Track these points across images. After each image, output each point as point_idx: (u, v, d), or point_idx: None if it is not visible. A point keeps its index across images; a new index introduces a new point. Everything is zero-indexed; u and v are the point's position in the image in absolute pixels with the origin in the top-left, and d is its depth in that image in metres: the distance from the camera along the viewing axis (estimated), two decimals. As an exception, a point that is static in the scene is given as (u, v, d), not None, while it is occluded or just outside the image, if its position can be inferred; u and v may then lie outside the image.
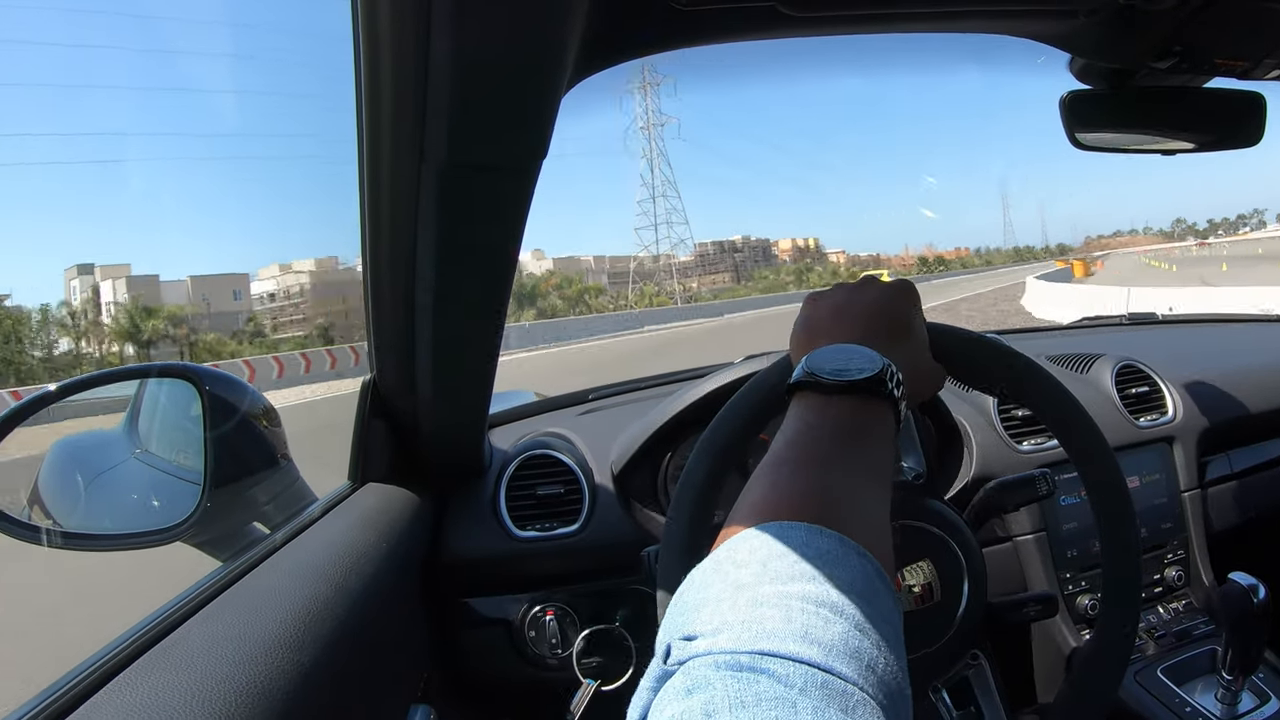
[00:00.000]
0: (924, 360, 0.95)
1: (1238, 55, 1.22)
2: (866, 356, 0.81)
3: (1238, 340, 2.72)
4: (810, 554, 0.57)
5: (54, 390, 1.24)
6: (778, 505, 0.63)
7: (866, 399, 0.78)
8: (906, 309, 0.95)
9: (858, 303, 0.94)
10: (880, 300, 0.94)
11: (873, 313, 0.92)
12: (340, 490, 1.45)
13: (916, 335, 0.95)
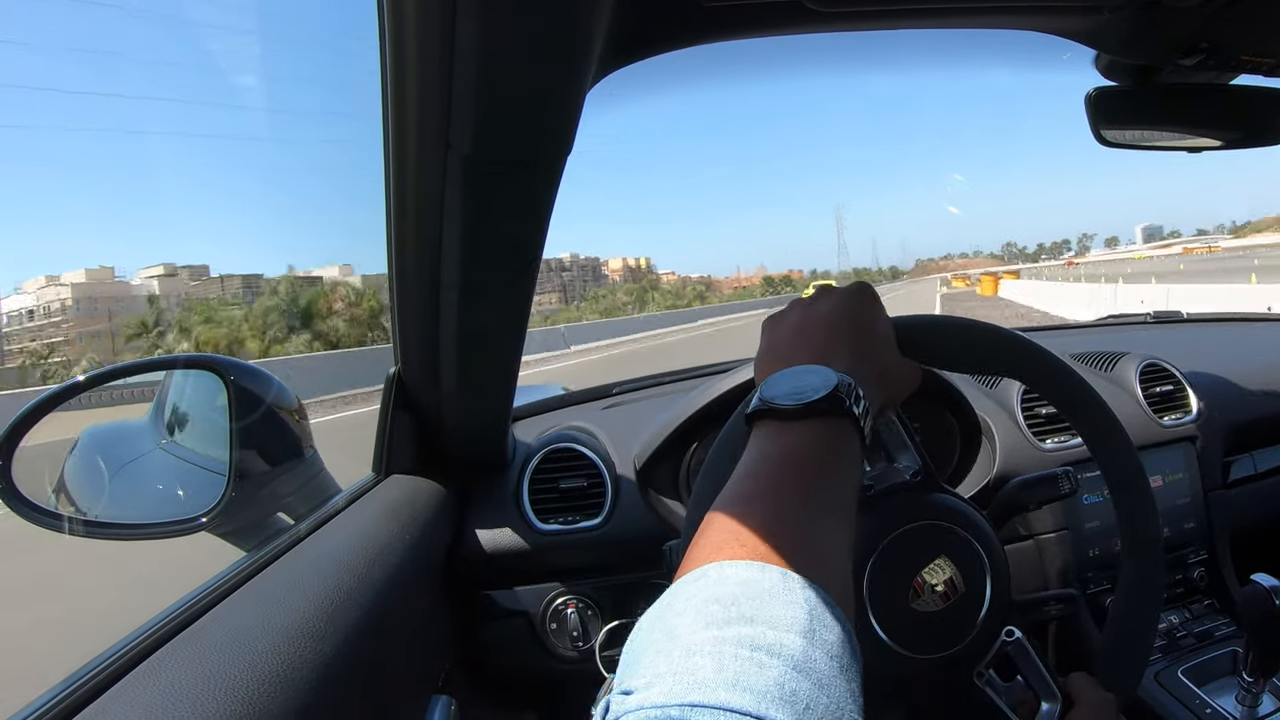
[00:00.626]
0: (892, 361, 0.94)
1: (1265, 52, 1.21)
2: (821, 375, 0.80)
3: (1262, 340, 2.70)
4: (749, 594, 0.56)
5: (83, 380, 1.26)
6: (721, 544, 0.62)
7: (825, 420, 0.77)
8: (865, 313, 0.94)
9: (814, 318, 0.93)
10: (836, 310, 0.93)
11: (831, 325, 0.91)
12: (364, 482, 1.46)
13: (880, 337, 0.93)
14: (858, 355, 0.87)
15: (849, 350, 0.87)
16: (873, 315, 0.94)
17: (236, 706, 0.70)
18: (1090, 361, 2.11)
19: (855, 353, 0.87)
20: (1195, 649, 1.67)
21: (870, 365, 0.88)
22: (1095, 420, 1.06)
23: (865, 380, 0.84)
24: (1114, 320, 3.15)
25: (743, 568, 0.59)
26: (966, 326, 1.04)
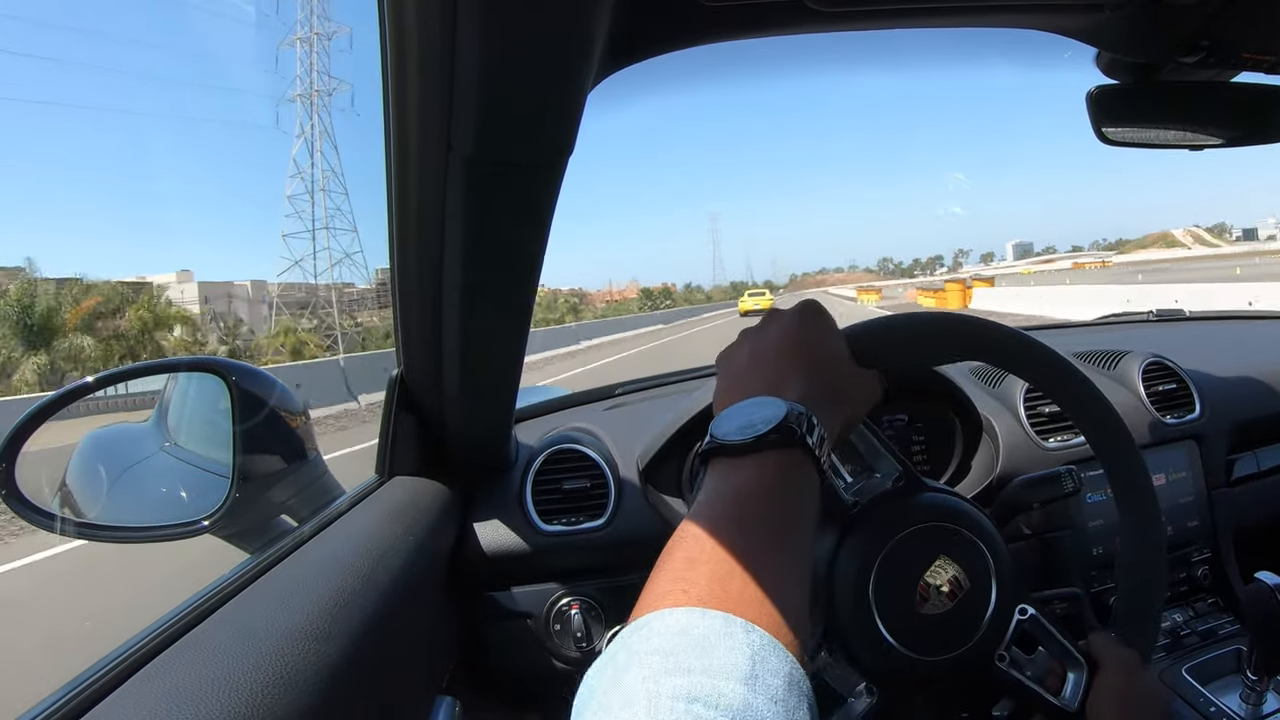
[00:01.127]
0: (848, 376, 0.93)
1: (1266, 49, 1.21)
2: (772, 407, 0.79)
3: (1265, 337, 2.70)
4: (689, 643, 0.55)
5: (91, 381, 1.27)
6: (666, 592, 0.62)
7: (778, 452, 0.77)
8: (814, 333, 0.93)
9: (764, 347, 0.92)
10: (785, 336, 0.92)
11: (781, 352, 0.90)
12: (367, 484, 1.46)
13: (831, 355, 0.93)
14: (810, 379, 0.87)
15: (801, 376, 0.87)
16: (822, 334, 0.93)
17: (241, 709, 0.71)
18: (1093, 360, 2.11)
19: (808, 377, 0.87)
20: (1199, 647, 1.67)
21: (824, 387, 0.87)
22: (1060, 380, 1.08)
23: (820, 404, 0.84)
24: (1116, 319, 3.14)
25: (684, 615, 0.58)
26: (915, 320, 1.05)
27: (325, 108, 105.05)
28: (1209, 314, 3.14)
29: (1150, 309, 3.07)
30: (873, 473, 1.11)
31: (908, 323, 1.03)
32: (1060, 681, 1.08)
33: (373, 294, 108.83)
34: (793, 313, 0.95)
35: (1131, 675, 1.04)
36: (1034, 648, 1.10)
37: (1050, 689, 1.08)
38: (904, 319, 1.03)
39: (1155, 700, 1.05)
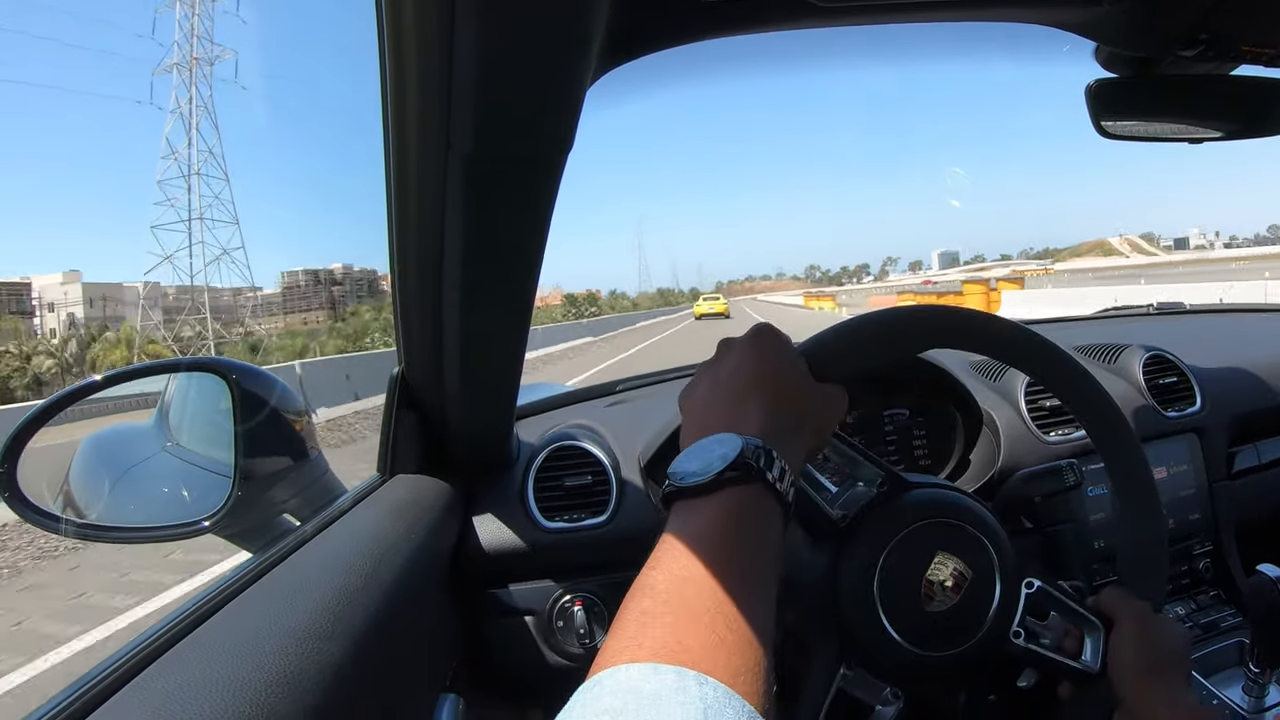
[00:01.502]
0: (809, 396, 0.92)
1: (1265, 42, 1.21)
2: (726, 444, 0.79)
3: (1266, 330, 2.70)
4: (640, 701, 0.55)
5: (99, 380, 1.27)
6: (621, 648, 0.61)
7: (737, 489, 0.76)
8: (769, 358, 0.92)
9: (720, 381, 0.92)
10: (739, 367, 0.92)
11: (736, 385, 0.90)
12: (369, 482, 1.46)
13: (788, 378, 0.91)
14: (770, 409, 0.86)
15: (760, 406, 0.86)
16: (776, 358, 0.93)
17: (245, 708, 0.71)
18: (1093, 353, 2.12)
19: (767, 407, 0.86)
20: (1201, 640, 1.67)
21: (786, 414, 0.87)
22: (1034, 353, 1.08)
23: (782, 433, 0.84)
24: (1116, 312, 3.15)
25: (636, 672, 0.57)
26: (866, 321, 1.03)
27: (205, 79, 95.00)
28: (1209, 307, 3.14)
29: (1151, 302, 3.07)
30: (855, 481, 1.11)
31: (859, 326, 1.02)
32: (1078, 644, 1.09)
33: (279, 298, 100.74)
34: (746, 340, 0.95)
35: (1147, 626, 1.05)
36: (1046, 616, 1.11)
37: (1069, 654, 1.09)
38: (855, 323, 1.03)
39: (1175, 646, 1.05)
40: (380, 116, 0.94)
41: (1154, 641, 1.04)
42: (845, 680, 1.09)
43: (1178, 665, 1.04)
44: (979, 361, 2.00)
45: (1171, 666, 1.03)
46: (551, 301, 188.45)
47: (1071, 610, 1.10)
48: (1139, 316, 3.01)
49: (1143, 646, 1.03)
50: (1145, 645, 1.03)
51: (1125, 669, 1.03)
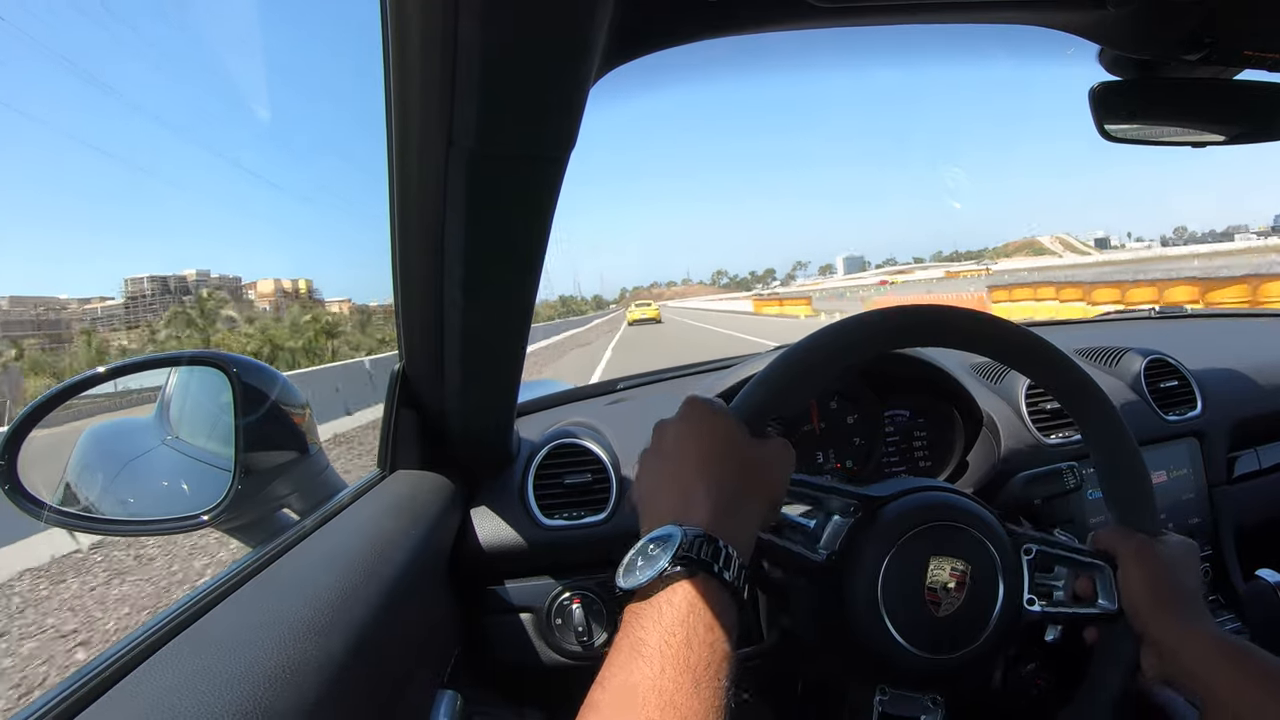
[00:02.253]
0: (751, 459, 0.92)
1: (1268, 48, 1.21)
2: (665, 540, 0.79)
3: (1267, 335, 2.70)
4: None
5: (103, 371, 1.28)
6: None
7: (680, 585, 0.77)
8: (703, 434, 0.92)
9: (661, 470, 0.92)
10: (675, 450, 0.93)
11: (678, 470, 0.90)
12: (370, 478, 1.46)
13: (728, 449, 0.91)
14: (713, 491, 0.86)
15: (703, 490, 0.86)
16: (711, 432, 0.93)
17: (242, 702, 0.71)
18: (1094, 357, 2.12)
19: (710, 491, 0.86)
20: None
21: (729, 489, 0.87)
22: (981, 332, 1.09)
23: (729, 510, 0.84)
24: (1117, 315, 3.15)
25: None
26: (791, 355, 1.03)
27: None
28: (1210, 311, 3.14)
29: (1153, 305, 3.07)
30: (830, 514, 1.11)
31: (780, 369, 1.01)
32: (1091, 587, 1.11)
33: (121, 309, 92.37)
34: (678, 421, 0.96)
35: (1149, 560, 1.06)
36: (1052, 570, 1.12)
37: (1086, 601, 1.10)
38: (775, 367, 1.02)
39: (1181, 575, 1.06)
40: (384, 113, 0.94)
41: (1158, 574, 1.05)
42: (884, 704, 1.11)
43: (1188, 593, 1.05)
44: (980, 363, 2.00)
45: (1181, 596, 1.04)
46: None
47: (1075, 560, 1.11)
48: (1140, 320, 3.01)
49: (1148, 581, 1.05)
50: (1150, 579, 1.04)
51: (1136, 605, 1.05)
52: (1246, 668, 0.96)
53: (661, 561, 0.77)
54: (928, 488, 1.13)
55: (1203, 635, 1.01)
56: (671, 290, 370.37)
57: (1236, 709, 0.95)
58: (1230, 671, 0.97)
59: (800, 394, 1.03)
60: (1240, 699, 0.95)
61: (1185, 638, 1.01)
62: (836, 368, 1.05)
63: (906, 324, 1.05)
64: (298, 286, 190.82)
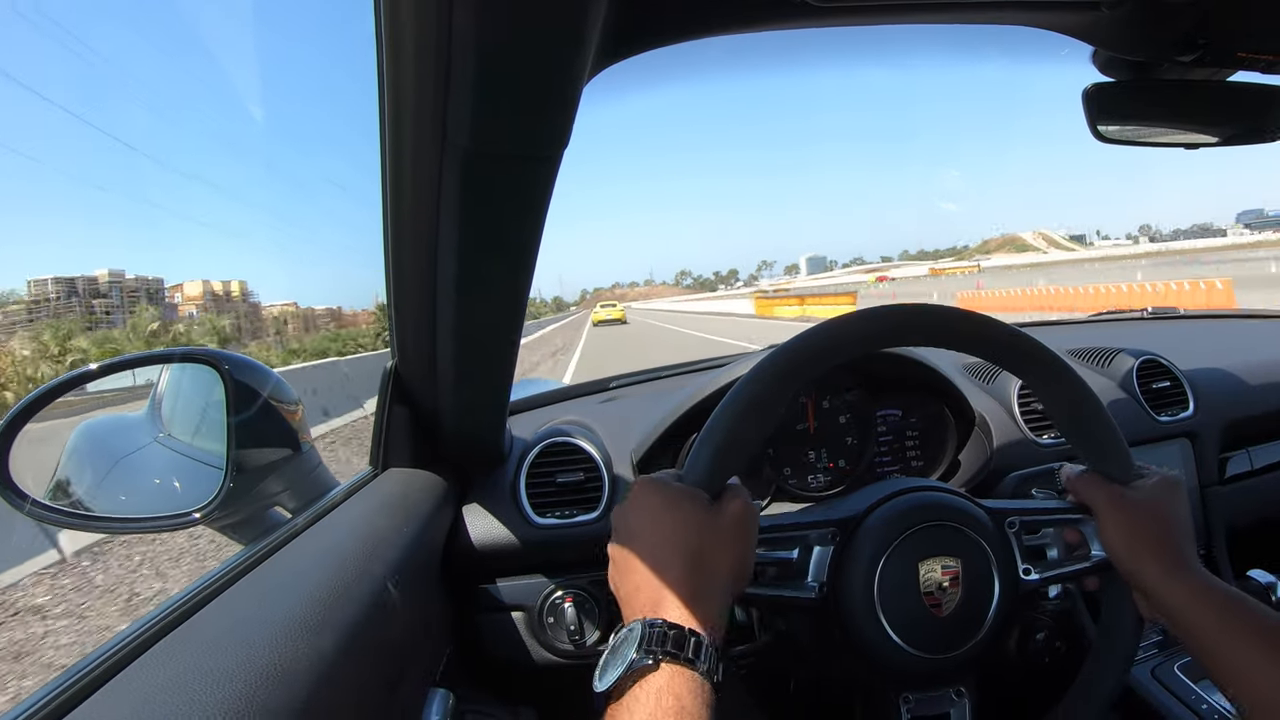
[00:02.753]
0: (712, 531, 0.92)
1: (1262, 49, 1.21)
2: (628, 638, 0.81)
3: (1259, 336, 2.71)
4: None
5: (95, 369, 1.28)
6: None
7: (649, 679, 0.78)
8: (659, 519, 0.92)
9: (627, 565, 0.93)
10: (633, 542, 0.93)
11: (638, 562, 0.91)
12: (362, 476, 1.46)
13: (685, 528, 0.91)
14: (673, 575, 0.87)
15: (665, 576, 0.87)
16: (666, 514, 0.93)
17: (235, 700, 0.70)
18: (1087, 357, 2.12)
19: (672, 575, 0.87)
20: None
21: (690, 569, 0.88)
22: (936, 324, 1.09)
23: (696, 593, 0.86)
24: (1110, 316, 3.15)
25: None
26: (727, 406, 1.01)
27: None
28: (1204, 313, 3.14)
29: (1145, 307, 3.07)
30: (811, 545, 1.12)
31: (726, 413, 1.00)
32: (1080, 536, 1.13)
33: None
34: (631, 508, 0.96)
35: (1125, 510, 1.06)
36: (1039, 531, 1.13)
37: (1079, 556, 1.12)
38: (716, 415, 1.01)
39: (1159, 522, 1.06)
40: (377, 111, 0.93)
41: (1134, 524, 1.05)
42: (910, 707, 1.12)
43: (1168, 539, 1.05)
44: (972, 363, 2.00)
45: (1161, 543, 1.04)
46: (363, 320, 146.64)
47: (1058, 520, 1.13)
48: (1133, 320, 3.01)
49: (1124, 532, 1.05)
50: (1127, 530, 1.05)
51: (1117, 555, 1.06)
52: (1233, 614, 0.97)
53: (628, 656, 0.79)
54: (896, 493, 1.13)
55: (1186, 583, 1.01)
56: (635, 291, 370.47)
57: (1226, 656, 0.96)
58: (1216, 619, 0.97)
59: (752, 434, 1.02)
60: (1227, 645, 0.96)
61: (1168, 585, 1.01)
62: (784, 397, 1.04)
63: (831, 343, 1.05)
64: (229, 289, 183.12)
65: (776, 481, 1.72)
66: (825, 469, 1.76)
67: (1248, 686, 0.93)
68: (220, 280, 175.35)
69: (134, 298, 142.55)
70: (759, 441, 1.03)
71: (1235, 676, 0.95)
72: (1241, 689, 0.94)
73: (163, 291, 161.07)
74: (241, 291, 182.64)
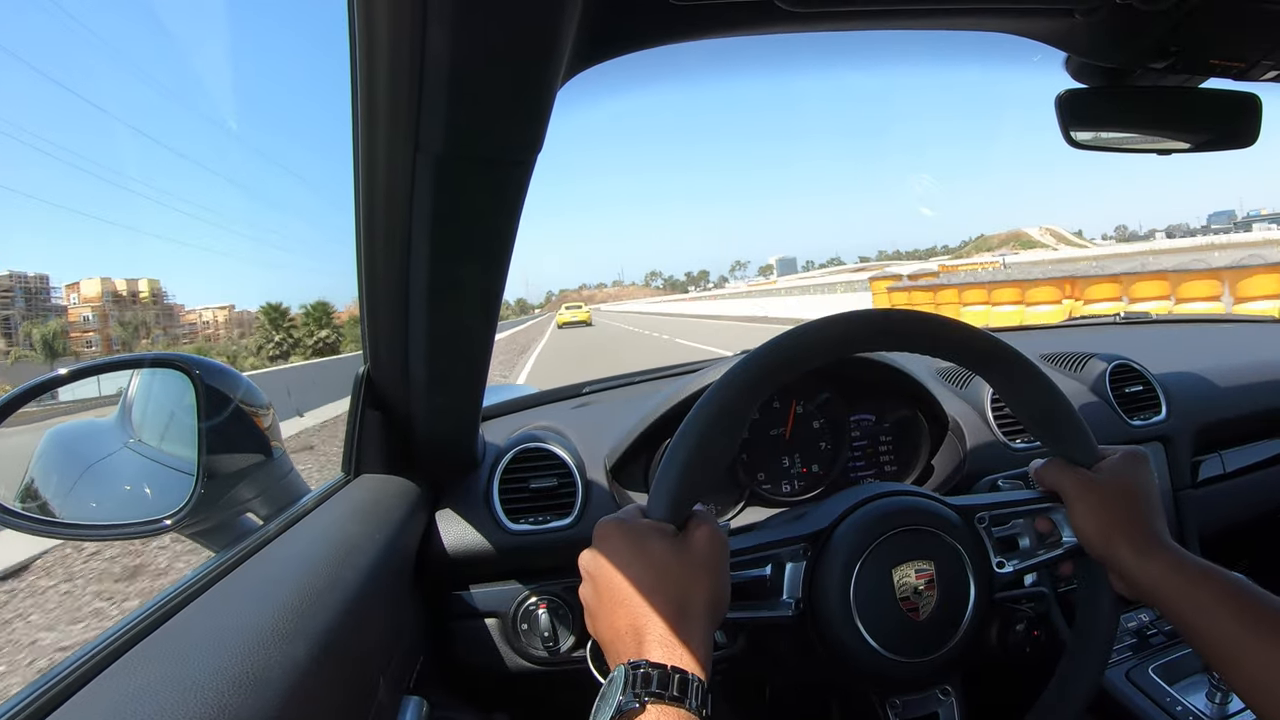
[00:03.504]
0: (680, 564, 0.92)
1: (1234, 56, 1.22)
2: (614, 683, 0.82)
3: (1230, 340, 2.73)
4: None
5: (64, 374, 1.26)
6: None
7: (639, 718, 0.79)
8: (624, 562, 0.92)
9: (598, 600, 0.93)
10: (601, 577, 0.93)
11: (612, 600, 0.91)
12: (334, 482, 1.45)
13: (651, 571, 0.91)
14: (647, 616, 0.87)
15: (639, 619, 0.88)
16: (627, 549, 0.93)
17: (207, 710, 0.70)
18: (1059, 362, 2.14)
19: (646, 617, 0.88)
20: (1166, 647, 1.69)
21: (663, 608, 0.88)
22: (840, 344, 1.07)
23: (674, 630, 0.86)
24: (1082, 321, 3.17)
25: None
26: (680, 436, 1.00)
27: None
28: (1175, 317, 3.17)
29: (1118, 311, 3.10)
30: (784, 560, 1.12)
31: (680, 444, 0.99)
32: (1050, 524, 1.13)
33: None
34: (596, 554, 0.96)
35: (1090, 490, 1.07)
36: (1008, 521, 1.14)
37: (1051, 543, 1.13)
38: (673, 445, 1.00)
39: (1126, 503, 1.07)
40: (350, 116, 0.93)
41: (1102, 507, 1.06)
42: (898, 710, 1.14)
43: (1137, 519, 1.06)
44: (945, 368, 2.01)
45: (1130, 523, 1.05)
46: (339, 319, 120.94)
47: (1027, 510, 1.14)
48: (1105, 325, 3.03)
49: (1093, 516, 1.06)
50: (1096, 514, 1.06)
51: (1088, 539, 1.07)
52: (1208, 589, 0.98)
53: (615, 700, 0.79)
54: (862, 502, 1.14)
55: (1158, 561, 1.02)
56: (604, 293, 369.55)
57: (1205, 630, 0.96)
58: (1192, 594, 0.98)
59: (717, 452, 1.01)
60: (1205, 621, 0.96)
61: (1142, 563, 1.02)
62: (752, 406, 1.04)
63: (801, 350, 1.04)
64: (135, 289, 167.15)
65: (750, 487, 1.72)
66: (799, 474, 1.76)
67: (1230, 662, 0.95)
68: (125, 279, 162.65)
69: (33, 296, 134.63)
70: (725, 459, 1.02)
71: (1215, 650, 0.96)
72: (1224, 665, 0.96)
73: (48, 291, 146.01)
74: (153, 291, 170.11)
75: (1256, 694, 0.92)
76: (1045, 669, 1.18)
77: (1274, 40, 1.19)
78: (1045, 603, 1.22)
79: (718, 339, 28.68)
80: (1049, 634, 1.29)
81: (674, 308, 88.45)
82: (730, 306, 64.09)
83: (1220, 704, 1.46)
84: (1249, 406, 2.10)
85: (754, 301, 61.07)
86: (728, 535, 1.02)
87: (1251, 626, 0.93)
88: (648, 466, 1.69)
